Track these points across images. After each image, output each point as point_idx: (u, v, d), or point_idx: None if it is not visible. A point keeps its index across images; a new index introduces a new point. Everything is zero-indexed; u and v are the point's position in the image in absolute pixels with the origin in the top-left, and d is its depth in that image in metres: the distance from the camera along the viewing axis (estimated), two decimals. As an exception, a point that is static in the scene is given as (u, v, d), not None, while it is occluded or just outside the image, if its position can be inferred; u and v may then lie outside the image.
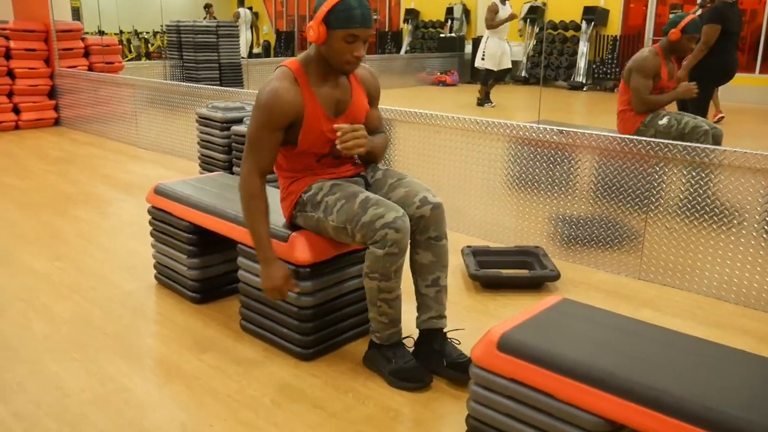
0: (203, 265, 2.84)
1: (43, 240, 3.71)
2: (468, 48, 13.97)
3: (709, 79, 5.59)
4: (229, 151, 4.50)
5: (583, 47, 12.54)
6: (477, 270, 3.11)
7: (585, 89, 12.40)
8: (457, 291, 3.08)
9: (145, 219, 3.11)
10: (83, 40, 8.04)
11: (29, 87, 7.49)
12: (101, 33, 10.61)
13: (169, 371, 2.32)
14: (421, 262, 2.27)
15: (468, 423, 1.84)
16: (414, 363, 2.24)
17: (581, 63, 12.56)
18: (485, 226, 3.80)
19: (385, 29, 17.08)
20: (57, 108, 7.78)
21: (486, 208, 3.79)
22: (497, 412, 1.74)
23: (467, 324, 2.73)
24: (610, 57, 12.33)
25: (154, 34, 16.94)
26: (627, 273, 3.28)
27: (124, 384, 2.23)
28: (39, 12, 7.64)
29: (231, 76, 9.53)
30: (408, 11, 15.77)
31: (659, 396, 1.46)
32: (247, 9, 14.38)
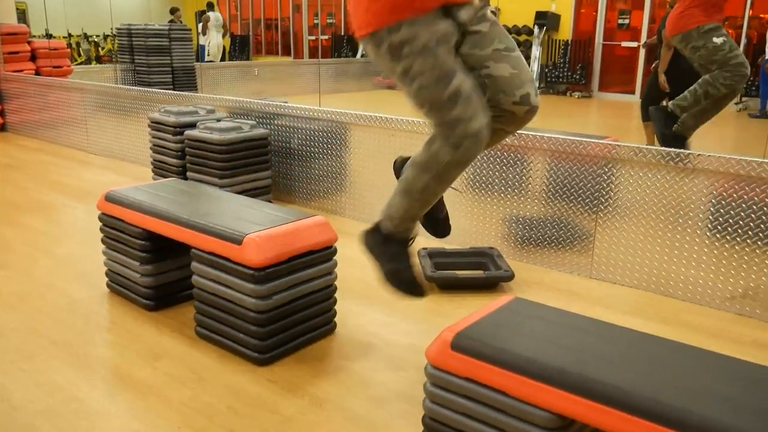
0: (157, 272, 2.79)
1: (-11, 249, 3.60)
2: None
3: (681, 80, 5.70)
4: (183, 156, 4.44)
5: (536, 51, 12.77)
6: (433, 272, 3.14)
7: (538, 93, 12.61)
8: (414, 293, 3.10)
9: (96, 226, 3.04)
10: (29, 43, 7.83)
11: (-27, 91, 7.28)
12: (49, 36, 10.36)
13: (122, 380, 2.27)
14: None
15: (424, 423, 1.85)
16: (415, 272, 1.99)
17: (534, 67, 12.77)
18: (441, 228, 3.83)
19: (341, 33, 17.09)
20: (2, 113, 7.55)
21: (441, 210, 3.82)
22: (453, 411, 1.75)
23: (423, 325, 2.75)
24: (562, 61, 12.58)
25: (104, 37, 16.63)
26: (579, 272, 3.35)
27: (74, 394, 2.17)
28: (-18, 14, 7.43)
29: (184, 80, 9.42)
30: (364, 15, 15.79)
31: (608, 391, 1.50)
32: (218, 13, 14.23)
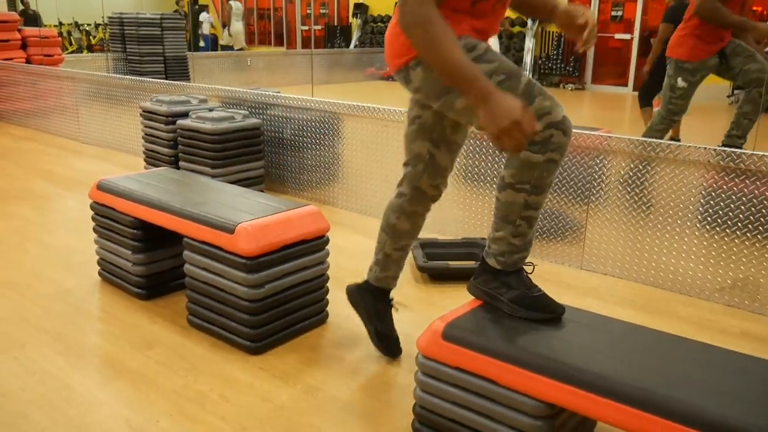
0: (148, 261, 2.79)
1: (-21, 237, 3.59)
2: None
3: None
4: (175, 146, 4.43)
5: (529, 43, 12.77)
6: (425, 262, 3.15)
7: (531, 85, 12.63)
8: (406, 283, 3.11)
9: (88, 215, 3.04)
10: (20, 31, 7.77)
11: (-38, 79, 7.22)
12: (40, 24, 10.27)
13: (113, 368, 2.28)
14: (399, 228, 2.21)
15: (415, 411, 1.87)
16: (541, 292, 1.85)
17: (527, 59, 12.78)
18: (433, 218, 3.82)
19: (334, 23, 17.03)
20: (-7, 102, 7.51)
21: (434, 201, 3.83)
22: (443, 400, 1.77)
23: (414, 315, 2.76)
24: (555, 53, 12.60)
25: (96, 26, 16.50)
26: (570, 263, 3.37)
27: (65, 382, 2.18)
28: (-28, 2, 7.36)
29: (176, 69, 9.37)
30: (357, 6, 15.77)
31: (596, 379, 1.52)
32: (238, 2, 14.45)
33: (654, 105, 7.93)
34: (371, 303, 2.34)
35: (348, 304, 2.42)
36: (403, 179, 2.19)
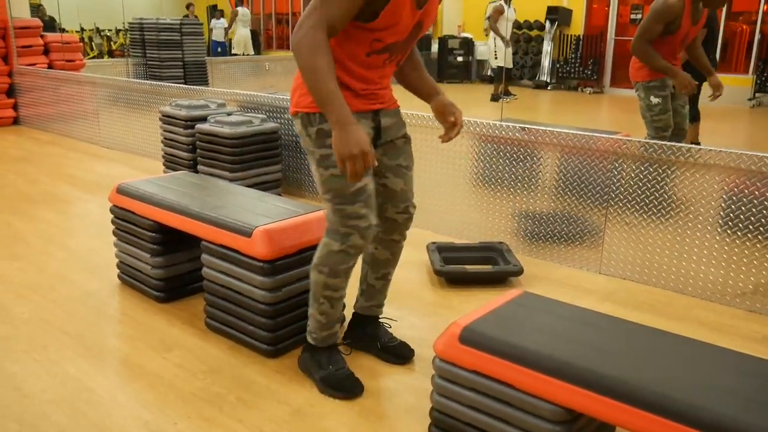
0: (167, 264, 2.82)
1: (2, 241, 3.64)
2: (434, 47, 14.04)
3: (696, 75, 5.73)
4: (194, 150, 4.47)
5: (547, 47, 12.71)
6: (442, 266, 3.14)
7: (549, 88, 12.57)
8: (423, 287, 3.11)
9: (108, 218, 3.07)
10: (42, 37, 7.88)
11: (-14, 85, 7.34)
12: (62, 30, 10.42)
13: (133, 370, 2.30)
14: (378, 257, 2.32)
15: (432, 415, 1.86)
16: (346, 371, 2.19)
17: (545, 62, 12.73)
18: (450, 222, 3.84)
19: (352, 28, 17.04)
20: (16, 107, 7.61)
21: (451, 204, 3.83)
22: (460, 403, 1.76)
23: (431, 319, 2.76)
24: (573, 56, 12.51)
25: (116, 31, 16.69)
26: (588, 268, 3.35)
27: (85, 384, 2.20)
28: (-4, 9, 7.48)
29: (196, 74, 9.45)
30: (374, 10, 15.77)
31: (615, 384, 1.51)
32: (246, 8, 14.42)
33: None
34: (361, 332, 2.43)
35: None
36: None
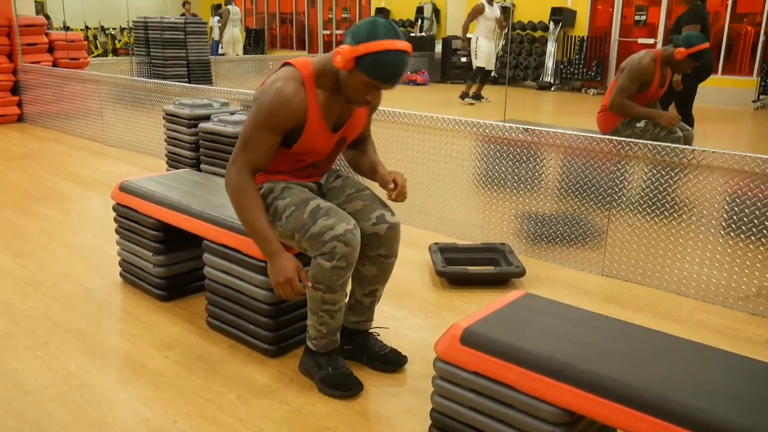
0: (169, 263, 2.82)
1: (4, 237, 3.65)
2: (438, 47, 14.04)
3: (692, 78, 5.74)
4: (197, 148, 4.47)
5: (551, 48, 12.70)
6: (444, 267, 3.14)
7: (553, 89, 12.56)
8: (424, 287, 3.10)
9: (110, 216, 3.07)
10: (47, 35, 7.90)
11: (-9, 82, 7.35)
12: (66, 28, 10.44)
13: (134, 368, 2.30)
14: (365, 273, 2.25)
15: (432, 416, 1.86)
16: (345, 370, 2.20)
17: (549, 63, 12.71)
18: (453, 223, 3.83)
19: (356, 28, 17.04)
20: (20, 104, 7.62)
21: (453, 205, 3.83)
22: (460, 405, 1.76)
23: (433, 320, 2.76)
24: (577, 57, 12.49)
25: (121, 30, 16.72)
26: (591, 269, 3.34)
27: (86, 381, 2.20)
28: (0, 6, 7.48)
29: (199, 73, 9.45)
30: (378, 10, 15.80)
31: (616, 387, 1.50)
32: (236, 7, 14.22)
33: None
34: (349, 343, 2.38)
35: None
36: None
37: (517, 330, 1.77)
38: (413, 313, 2.81)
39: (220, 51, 13.24)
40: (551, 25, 12.74)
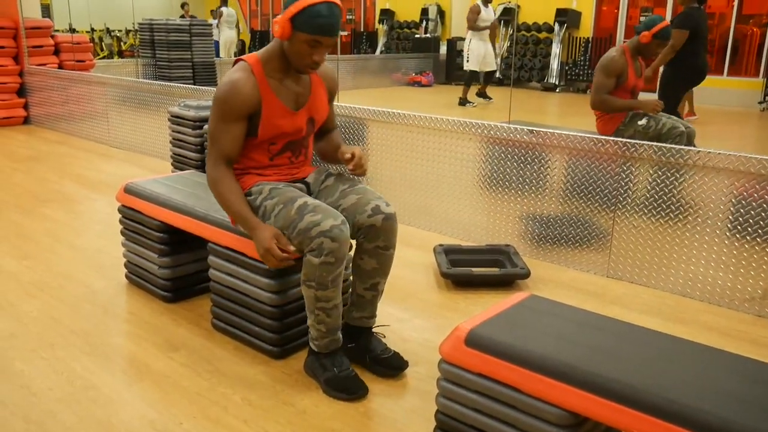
0: (174, 264, 2.82)
1: (11, 239, 3.66)
2: (443, 49, 14.04)
3: (681, 81, 5.73)
4: (202, 150, 4.48)
5: (556, 49, 12.69)
6: (448, 268, 3.14)
7: (558, 90, 12.54)
8: (429, 289, 3.10)
9: (116, 218, 3.09)
10: (53, 37, 7.93)
11: (-3, 84, 7.38)
12: (72, 30, 10.48)
13: (139, 369, 2.31)
14: (364, 267, 2.26)
15: (437, 418, 1.86)
16: (350, 372, 2.19)
17: (554, 64, 12.70)
18: (457, 224, 3.83)
19: (360, 29, 17.09)
20: (26, 106, 7.66)
21: (458, 207, 3.83)
22: (465, 406, 1.76)
23: (437, 321, 2.76)
24: (582, 59, 12.49)
25: (126, 32, 16.77)
26: (596, 271, 3.33)
27: (92, 382, 2.21)
28: (7, 9, 7.52)
29: (204, 75, 9.48)
30: (383, 12, 15.81)
31: (621, 388, 1.50)
32: (230, 8, 14.14)
33: (685, 115, 7.85)
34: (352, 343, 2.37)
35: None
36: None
37: (522, 332, 1.77)
38: (417, 315, 2.81)
39: (219, 54, 13.28)
40: (556, 26, 12.72)
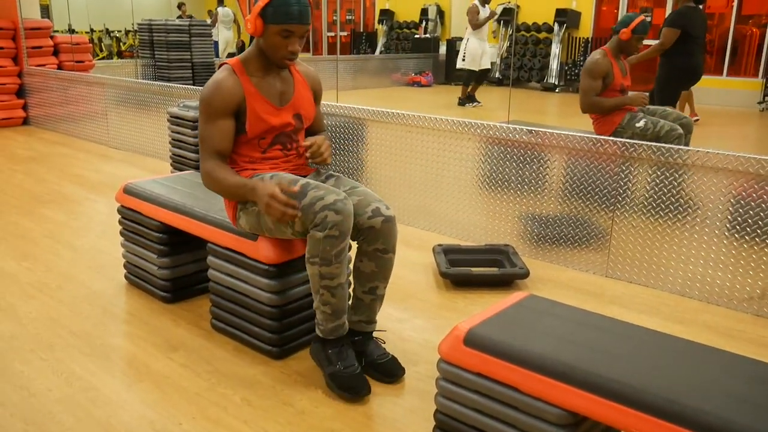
0: (174, 265, 2.83)
1: (10, 240, 3.66)
2: (442, 49, 14.04)
3: (675, 82, 5.71)
4: (201, 151, 4.48)
5: (556, 49, 12.69)
6: (448, 268, 3.14)
7: (557, 90, 12.54)
8: (428, 289, 3.11)
9: (115, 218, 3.09)
10: (52, 38, 7.93)
11: (-4, 85, 7.38)
12: (71, 31, 10.48)
13: (138, 370, 2.31)
14: (363, 270, 2.25)
15: (436, 418, 1.86)
16: (354, 370, 2.17)
17: (554, 65, 12.69)
18: (456, 224, 3.83)
19: (360, 30, 17.10)
20: (25, 107, 7.66)
21: (457, 206, 3.83)
22: (464, 406, 1.76)
23: (436, 321, 2.76)
24: (582, 59, 12.47)
25: (126, 32, 16.76)
26: (594, 271, 3.34)
27: (91, 383, 2.21)
28: (6, 9, 7.52)
29: (204, 75, 9.47)
30: (383, 12, 15.81)
31: (620, 388, 1.50)
32: (227, 8, 14.09)
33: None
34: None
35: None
36: None
37: (521, 331, 1.77)
38: (417, 315, 2.81)
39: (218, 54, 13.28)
40: (556, 27, 12.72)
